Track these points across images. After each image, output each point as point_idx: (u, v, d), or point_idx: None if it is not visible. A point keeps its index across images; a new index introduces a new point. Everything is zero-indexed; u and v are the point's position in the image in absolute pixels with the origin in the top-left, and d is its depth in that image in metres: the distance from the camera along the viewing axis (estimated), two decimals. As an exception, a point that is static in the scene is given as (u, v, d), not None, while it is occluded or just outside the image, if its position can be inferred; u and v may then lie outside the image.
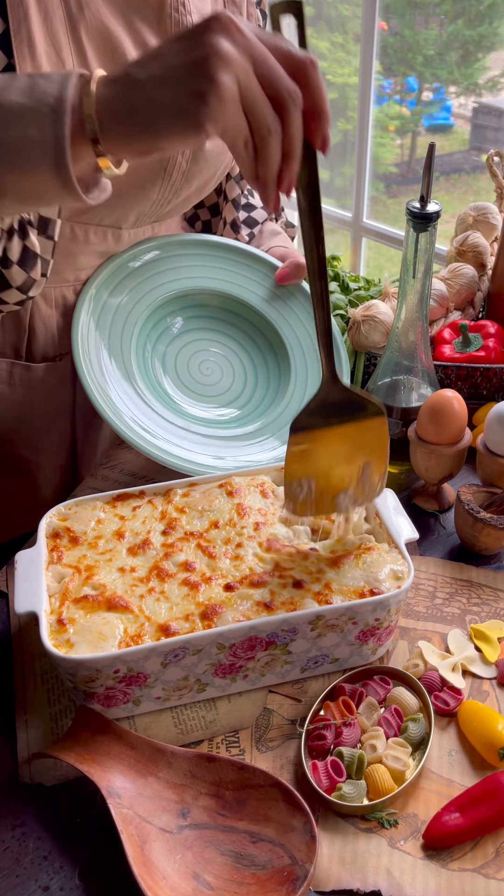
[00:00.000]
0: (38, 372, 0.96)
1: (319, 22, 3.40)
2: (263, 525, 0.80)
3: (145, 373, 0.96)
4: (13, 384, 0.95)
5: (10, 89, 0.60)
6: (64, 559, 0.76)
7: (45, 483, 1.04)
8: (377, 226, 2.47)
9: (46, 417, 0.99)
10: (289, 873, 0.61)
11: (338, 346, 1.03)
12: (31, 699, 0.76)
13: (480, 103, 3.97)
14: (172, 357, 0.99)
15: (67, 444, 1.04)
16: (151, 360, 0.98)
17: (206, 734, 0.73)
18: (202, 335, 1.02)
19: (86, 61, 0.81)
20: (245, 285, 1.03)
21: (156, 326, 0.99)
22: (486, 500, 0.91)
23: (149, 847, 0.62)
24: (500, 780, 0.66)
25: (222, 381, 1.00)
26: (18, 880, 0.63)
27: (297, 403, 0.99)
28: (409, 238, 0.89)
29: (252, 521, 0.80)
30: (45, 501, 1.05)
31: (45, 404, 0.98)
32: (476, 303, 1.21)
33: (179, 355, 1.00)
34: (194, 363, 1.00)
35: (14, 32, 0.75)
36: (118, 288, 0.97)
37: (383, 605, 0.72)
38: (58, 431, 1.02)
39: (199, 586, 0.74)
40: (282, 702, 0.76)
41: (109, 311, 0.95)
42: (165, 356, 0.99)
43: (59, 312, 0.95)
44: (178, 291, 1.00)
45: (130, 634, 0.69)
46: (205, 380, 1.00)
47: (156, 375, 0.97)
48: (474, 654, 0.79)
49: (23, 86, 0.60)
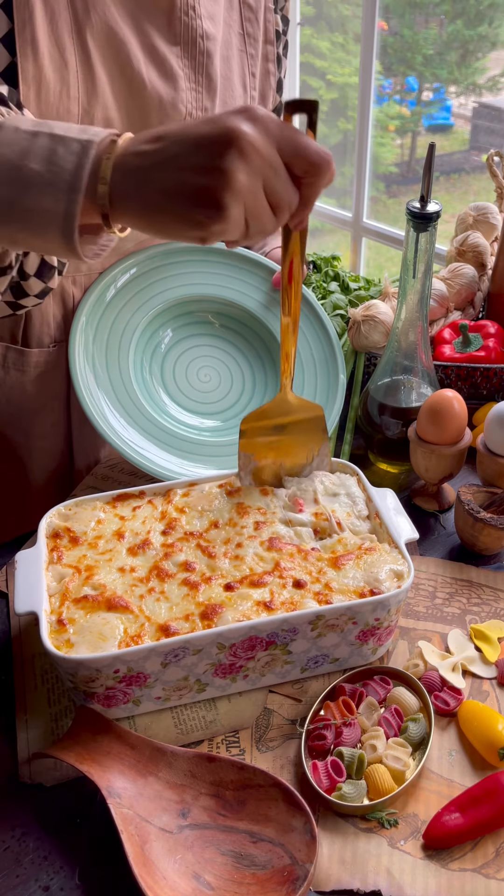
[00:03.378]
0: (31, 357, 0.97)
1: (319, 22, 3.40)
2: (264, 524, 0.80)
3: (143, 387, 0.96)
4: (7, 367, 0.96)
5: (31, 154, 0.61)
6: (64, 559, 0.76)
7: (37, 467, 1.05)
8: (377, 226, 2.47)
9: (38, 401, 1.00)
10: (289, 873, 0.61)
11: (335, 350, 1.03)
12: (31, 699, 0.76)
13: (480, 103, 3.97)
14: (171, 365, 1.00)
15: (62, 430, 1.04)
16: (150, 370, 0.98)
17: (206, 734, 0.73)
18: (198, 341, 1.02)
19: (89, 62, 0.81)
20: (241, 289, 1.03)
21: (152, 337, 0.99)
22: (486, 500, 0.91)
23: (149, 847, 0.62)
24: (500, 780, 0.66)
25: (220, 387, 1.01)
26: (18, 880, 0.63)
27: None
28: (409, 238, 0.89)
29: (252, 521, 0.80)
30: (38, 487, 1.06)
31: (37, 388, 0.99)
32: (476, 303, 1.21)
33: (178, 363, 1.00)
34: (192, 370, 1.00)
35: (18, 32, 0.75)
36: (111, 303, 0.97)
37: (383, 605, 0.72)
38: (50, 417, 1.02)
39: (198, 586, 0.74)
40: (282, 702, 0.76)
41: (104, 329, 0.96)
42: (164, 365, 0.99)
43: (56, 302, 0.96)
44: (175, 299, 1.00)
45: (130, 634, 0.69)
46: (202, 386, 1.00)
47: (154, 387, 0.97)
48: (474, 654, 0.79)
49: (44, 151, 0.61)
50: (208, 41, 0.89)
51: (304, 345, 1.04)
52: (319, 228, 3.45)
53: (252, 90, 0.99)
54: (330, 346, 1.04)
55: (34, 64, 0.77)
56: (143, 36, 0.85)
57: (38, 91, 0.78)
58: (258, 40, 0.98)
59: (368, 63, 2.23)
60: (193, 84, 0.90)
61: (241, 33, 0.96)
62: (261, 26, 0.98)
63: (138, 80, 0.85)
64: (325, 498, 0.83)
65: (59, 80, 0.79)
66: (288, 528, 0.80)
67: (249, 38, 0.97)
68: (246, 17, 0.96)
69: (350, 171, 2.42)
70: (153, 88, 0.86)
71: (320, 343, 1.04)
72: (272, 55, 1.01)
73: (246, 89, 0.98)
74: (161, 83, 0.87)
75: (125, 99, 0.85)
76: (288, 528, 0.80)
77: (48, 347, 0.97)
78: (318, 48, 3.44)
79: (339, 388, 1.01)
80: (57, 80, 0.79)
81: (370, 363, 1.13)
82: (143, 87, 0.85)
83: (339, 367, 1.02)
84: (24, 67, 0.76)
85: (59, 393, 1.01)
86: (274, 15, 1.00)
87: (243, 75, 0.97)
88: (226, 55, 0.94)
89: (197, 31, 0.88)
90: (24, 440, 1.02)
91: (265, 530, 0.79)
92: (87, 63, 0.81)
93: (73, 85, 0.80)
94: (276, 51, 1.01)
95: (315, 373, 1.02)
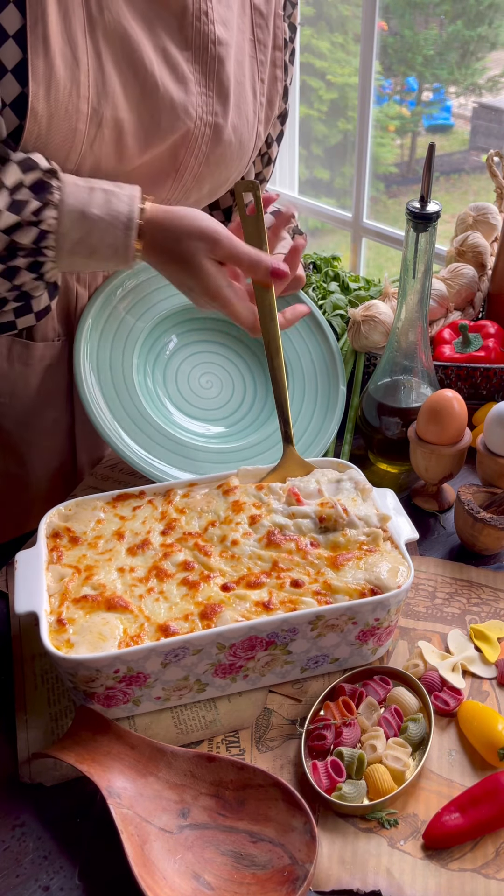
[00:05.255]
0: (37, 350, 0.97)
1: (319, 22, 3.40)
2: (260, 517, 0.79)
3: (146, 391, 0.96)
4: (11, 360, 0.96)
5: (92, 203, 0.80)
6: (64, 559, 0.76)
7: (39, 465, 1.05)
8: (377, 226, 2.47)
9: (42, 396, 1.00)
10: (289, 873, 0.61)
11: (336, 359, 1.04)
12: (31, 699, 0.76)
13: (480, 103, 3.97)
14: (173, 373, 1.00)
15: (64, 427, 1.04)
16: (153, 377, 0.98)
17: (206, 734, 0.73)
18: (200, 348, 1.02)
19: (101, 62, 0.81)
20: None
21: (156, 343, 0.99)
22: (486, 500, 0.91)
23: (149, 847, 0.62)
24: (500, 780, 0.66)
25: (222, 394, 1.01)
26: (18, 880, 0.63)
27: (298, 407, 1.00)
28: (409, 238, 0.89)
29: (247, 515, 0.79)
30: (40, 486, 1.06)
31: (41, 383, 0.99)
32: (476, 303, 1.21)
33: (179, 370, 1.00)
34: (194, 377, 1.00)
35: (30, 28, 0.75)
36: (114, 312, 0.97)
37: (383, 604, 0.72)
38: (53, 413, 1.02)
39: (198, 586, 0.74)
40: (282, 702, 0.76)
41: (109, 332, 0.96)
42: (166, 373, 0.99)
43: (61, 297, 0.96)
44: (174, 308, 1.00)
45: (130, 634, 0.69)
46: (204, 393, 1.00)
47: (156, 392, 0.97)
48: (474, 654, 0.79)
49: (100, 202, 0.80)
50: (220, 46, 0.89)
51: (304, 352, 1.03)
52: (319, 228, 3.45)
53: (261, 96, 0.99)
54: (331, 354, 1.04)
55: (45, 61, 0.77)
56: (156, 38, 0.85)
57: (47, 89, 0.78)
58: (268, 46, 0.98)
59: (368, 63, 2.23)
60: (204, 89, 0.89)
61: (252, 39, 0.96)
62: (270, 32, 0.98)
63: (151, 81, 0.84)
64: (328, 486, 0.83)
65: (70, 78, 0.79)
66: (288, 520, 0.79)
67: (260, 45, 0.97)
68: (257, 24, 0.96)
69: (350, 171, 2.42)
70: (165, 91, 0.86)
71: (321, 352, 1.04)
72: (280, 61, 1.01)
73: (255, 95, 0.98)
74: (174, 86, 0.86)
75: (137, 100, 0.84)
76: (288, 520, 0.80)
77: (53, 341, 0.98)
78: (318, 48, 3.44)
79: (339, 398, 1.01)
80: (67, 79, 0.79)
81: (370, 363, 1.13)
82: (155, 89, 0.85)
83: (339, 378, 1.02)
84: (35, 65, 0.76)
85: (62, 388, 1.01)
86: (283, 22, 1.00)
87: (253, 81, 0.97)
88: (240, 60, 0.95)
89: (209, 36, 0.88)
90: (27, 436, 1.02)
91: (262, 524, 0.78)
92: (99, 62, 0.81)
93: (84, 84, 0.80)
94: (283, 57, 1.01)
95: (316, 382, 1.01)
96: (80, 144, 0.82)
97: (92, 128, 0.82)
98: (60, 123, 0.80)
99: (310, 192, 3.32)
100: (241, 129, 0.95)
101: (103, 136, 0.83)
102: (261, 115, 1.00)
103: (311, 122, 3.57)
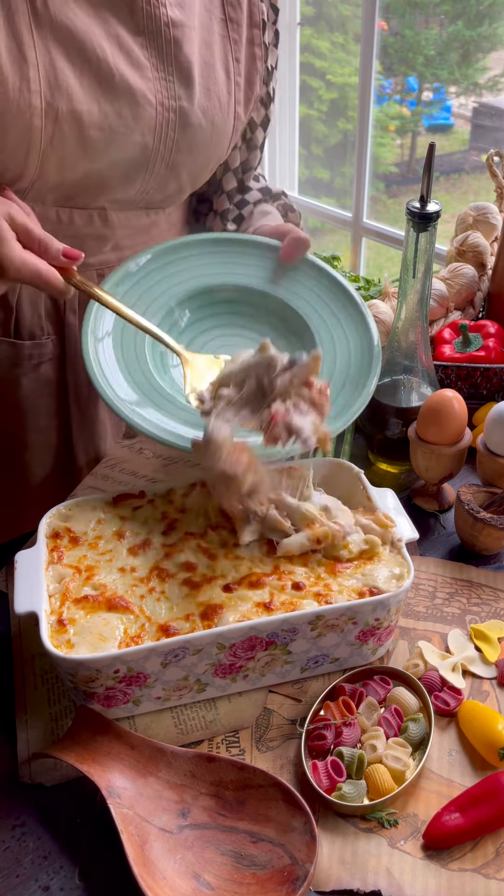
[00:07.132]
0: (24, 350, 0.97)
1: (319, 22, 3.40)
2: None
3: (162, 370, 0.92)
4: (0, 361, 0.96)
5: None
6: (64, 559, 0.76)
7: (35, 463, 1.05)
8: (377, 226, 2.47)
9: (33, 395, 1.00)
10: (289, 873, 0.61)
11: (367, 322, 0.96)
12: (31, 699, 0.76)
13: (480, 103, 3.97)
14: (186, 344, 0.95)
15: (59, 424, 1.04)
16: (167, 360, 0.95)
17: (206, 734, 0.73)
18: (217, 331, 0.97)
19: (50, 55, 0.80)
20: (247, 272, 0.99)
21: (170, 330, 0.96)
22: (486, 500, 0.91)
23: (149, 847, 0.62)
24: (500, 780, 0.66)
25: None
26: (18, 880, 0.63)
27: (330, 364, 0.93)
28: (409, 238, 0.89)
29: None
30: (38, 484, 1.06)
31: (32, 382, 0.99)
32: (476, 303, 1.22)
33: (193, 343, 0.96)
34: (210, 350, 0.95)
35: None
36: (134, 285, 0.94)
37: (383, 604, 0.72)
38: (46, 411, 1.02)
39: (199, 586, 0.74)
40: (282, 702, 0.76)
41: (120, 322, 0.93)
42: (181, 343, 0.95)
43: (47, 294, 0.95)
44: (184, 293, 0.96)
45: (130, 634, 0.69)
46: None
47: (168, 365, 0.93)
48: (474, 654, 0.79)
49: None
50: (175, 28, 0.88)
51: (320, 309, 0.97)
52: (319, 228, 3.45)
53: (237, 76, 0.97)
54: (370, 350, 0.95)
55: None
56: (107, 26, 0.84)
57: None
58: (241, 24, 0.97)
59: (368, 63, 2.24)
60: (162, 73, 0.89)
61: (224, 18, 0.95)
62: (244, 10, 0.97)
63: (106, 70, 0.84)
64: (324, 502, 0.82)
65: (18, 74, 0.79)
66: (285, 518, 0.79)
67: (232, 24, 0.96)
68: (228, 2, 0.95)
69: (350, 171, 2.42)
70: (122, 78, 0.85)
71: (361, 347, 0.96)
72: (258, 39, 0.99)
73: (230, 75, 0.96)
74: (130, 72, 0.86)
75: (94, 90, 0.84)
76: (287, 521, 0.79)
77: (41, 340, 0.97)
78: (318, 48, 3.44)
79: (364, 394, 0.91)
80: (16, 75, 0.79)
81: (370, 363, 1.13)
82: (111, 77, 0.85)
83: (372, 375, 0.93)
84: None
85: (54, 386, 1.01)
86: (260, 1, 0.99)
87: (226, 61, 0.96)
88: (207, 40, 0.93)
89: (161, 19, 0.87)
90: (21, 434, 1.02)
91: None
92: (49, 56, 0.80)
93: (35, 79, 0.80)
94: (261, 36, 0.99)
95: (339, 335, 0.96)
96: (39, 142, 0.82)
97: (48, 123, 0.81)
98: (14, 120, 0.80)
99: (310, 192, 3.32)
100: (213, 112, 0.94)
101: (62, 130, 0.83)
102: (238, 96, 0.98)
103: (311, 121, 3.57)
